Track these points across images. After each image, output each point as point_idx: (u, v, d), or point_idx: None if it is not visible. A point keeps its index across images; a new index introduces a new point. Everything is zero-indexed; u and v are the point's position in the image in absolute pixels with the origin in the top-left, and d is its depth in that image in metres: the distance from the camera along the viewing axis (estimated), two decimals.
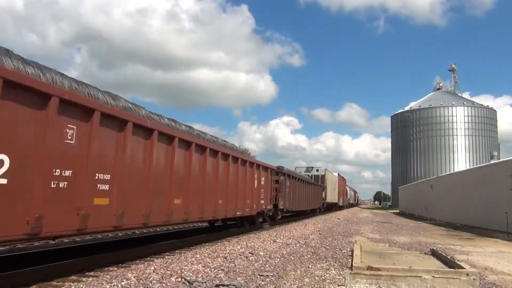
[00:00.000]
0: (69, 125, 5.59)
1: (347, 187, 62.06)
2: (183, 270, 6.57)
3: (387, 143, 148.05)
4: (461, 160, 71.99)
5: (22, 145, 4.93)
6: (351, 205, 74.05)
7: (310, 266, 7.51)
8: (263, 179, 15.62)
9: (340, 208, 51.80)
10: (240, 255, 8.52)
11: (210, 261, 7.62)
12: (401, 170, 80.00)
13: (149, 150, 7.57)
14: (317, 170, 35.74)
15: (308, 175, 32.24)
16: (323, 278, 6.38)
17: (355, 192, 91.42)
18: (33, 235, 5.10)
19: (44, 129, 5.14)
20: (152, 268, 6.71)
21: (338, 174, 49.17)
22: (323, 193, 34.42)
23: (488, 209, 18.40)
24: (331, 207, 43.81)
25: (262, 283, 5.85)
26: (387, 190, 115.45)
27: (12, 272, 5.63)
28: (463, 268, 6.57)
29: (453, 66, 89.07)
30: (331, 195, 40.17)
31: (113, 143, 6.59)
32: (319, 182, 33.45)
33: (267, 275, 6.38)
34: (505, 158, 22.37)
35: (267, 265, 7.46)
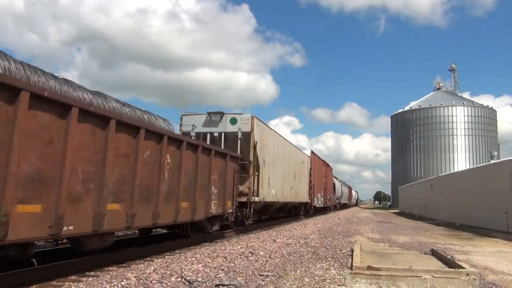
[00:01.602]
0: None
1: (334, 179, 41.62)
2: (183, 270, 6.57)
3: (387, 142, 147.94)
4: (461, 160, 71.93)
5: None
6: (343, 206, 56.41)
7: (310, 266, 7.51)
8: None
9: (319, 211, 32.47)
10: (240, 255, 8.52)
11: (210, 261, 7.62)
12: (401, 170, 79.96)
13: None
14: (233, 122, 14.83)
15: (214, 135, 14.68)
16: (323, 278, 6.38)
17: (350, 188, 71.95)
18: None
19: None
20: (152, 268, 6.71)
21: (312, 152, 27.69)
22: (250, 180, 14.26)
23: (488, 209, 18.39)
24: (297, 212, 25.01)
25: (262, 283, 5.85)
26: (387, 190, 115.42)
27: (12, 272, 5.62)
28: (463, 268, 6.57)
29: (453, 66, 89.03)
30: (284, 186, 18.99)
31: None
32: (236, 149, 13.93)
33: (267, 275, 6.38)
34: (505, 158, 22.37)
35: (267, 265, 7.46)
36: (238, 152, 13.66)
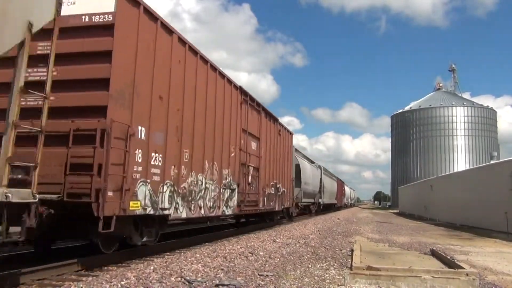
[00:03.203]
0: None
1: (301, 160, 25.84)
2: (182, 270, 6.57)
3: (387, 143, 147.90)
4: (461, 160, 71.93)
5: None
6: (327, 208, 39.34)
7: (310, 266, 7.51)
8: None
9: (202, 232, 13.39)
10: (239, 254, 8.52)
11: (209, 261, 7.62)
12: (401, 170, 79.95)
13: None
14: None
15: None
16: (323, 278, 6.38)
17: (341, 183, 54.10)
18: None
19: None
20: (152, 267, 6.71)
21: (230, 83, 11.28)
22: None
23: (488, 209, 18.39)
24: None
25: (262, 283, 5.85)
26: (387, 190, 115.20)
27: (12, 272, 5.63)
28: (462, 268, 6.58)
29: (453, 66, 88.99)
30: None
31: None
32: None
33: (266, 275, 6.38)
34: (505, 159, 22.38)
35: (266, 265, 7.46)
36: None
